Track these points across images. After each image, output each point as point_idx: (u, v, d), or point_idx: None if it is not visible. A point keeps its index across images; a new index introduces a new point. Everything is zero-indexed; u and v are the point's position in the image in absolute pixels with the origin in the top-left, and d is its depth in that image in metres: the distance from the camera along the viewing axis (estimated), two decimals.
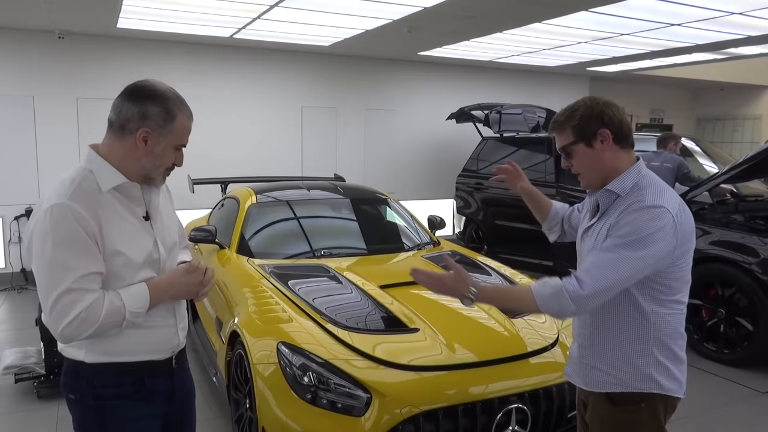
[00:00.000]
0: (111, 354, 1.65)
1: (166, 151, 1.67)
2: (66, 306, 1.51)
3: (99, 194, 1.61)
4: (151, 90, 1.66)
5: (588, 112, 1.75)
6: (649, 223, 1.63)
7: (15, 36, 6.75)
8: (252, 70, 8.06)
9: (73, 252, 1.53)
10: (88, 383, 1.66)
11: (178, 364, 1.82)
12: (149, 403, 1.73)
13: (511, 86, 10.03)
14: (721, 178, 4.92)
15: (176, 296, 1.75)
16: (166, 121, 1.65)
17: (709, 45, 7.37)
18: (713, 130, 13.22)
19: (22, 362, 3.96)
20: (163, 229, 1.78)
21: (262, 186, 4.91)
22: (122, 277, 1.63)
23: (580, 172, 1.82)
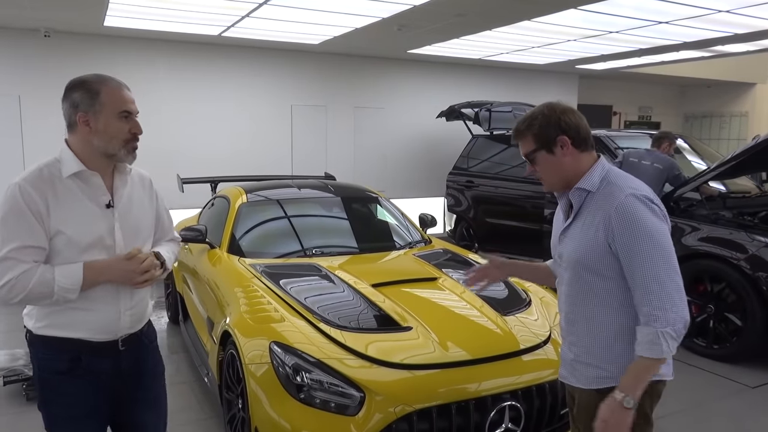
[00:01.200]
0: (52, 327, 1.82)
1: (109, 124, 1.80)
2: (1, 271, 1.70)
3: (58, 180, 1.79)
4: (72, 83, 1.82)
5: (546, 121, 1.81)
6: (643, 211, 1.69)
7: (0, 34, 6.66)
8: (241, 68, 8.02)
9: (14, 225, 1.72)
10: (35, 351, 1.87)
11: (126, 346, 1.92)
12: (86, 381, 1.85)
13: (501, 84, 10.07)
14: (708, 175, 4.96)
15: (112, 279, 1.84)
16: (92, 98, 1.78)
17: (697, 43, 7.43)
18: (701, 127, 13.35)
19: (11, 364, 3.93)
20: (128, 219, 1.90)
21: (253, 185, 4.89)
22: (65, 256, 1.77)
23: (543, 177, 1.88)
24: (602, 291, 1.77)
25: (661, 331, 1.64)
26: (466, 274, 2.28)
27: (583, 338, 1.84)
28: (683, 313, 1.67)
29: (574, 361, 1.88)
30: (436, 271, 3.66)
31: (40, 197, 1.73)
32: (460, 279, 3.56)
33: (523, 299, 3.37)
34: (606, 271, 1.75)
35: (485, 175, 7.33)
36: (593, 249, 1.75)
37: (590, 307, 1.80)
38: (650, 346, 1.65)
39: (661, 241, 1.68)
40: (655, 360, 1.67)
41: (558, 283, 1.98)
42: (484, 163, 7.46)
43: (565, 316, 1.91)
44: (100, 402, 1.90)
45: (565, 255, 1.87)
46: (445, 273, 3.64)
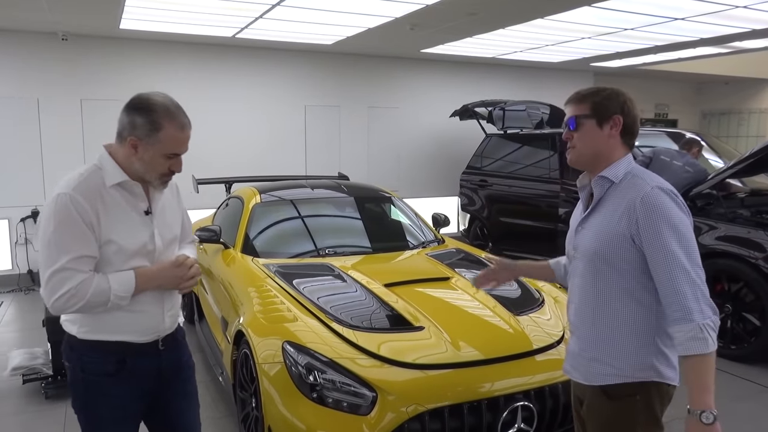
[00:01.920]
0: (99, 332, 1.86)
1: (155, 159, 1.82)
2: (58, 282, 1.73)
3: (103, 188, 1.81)
4: (141, 102, 1.82)
5: (613, 96, 1.80)
6: (669, 204, 1.68)
7: (19, 38, 6.77)
8: (255, 69, 8.07)
9: (69, 236, 1.74)
10: (78, 356, 1.89)
11: (165, 346, 1.99)
12: (130, 382, 1.91)
13: (515, 83, 10.01)
14: (726, 172, 4.89)
15: (161, 285, 1.92)
16: (151, 131, 1.79)
17: (713, 39, 7.33)
18: (718, 124, 13.16)
19: (30, 363, 3.99)
20: (163, 224, 1.96)
21: (266, 185, 4.92)
22: (113, 263, 1.82)
23: (577, 146, 1.83)
24: (617, 285, 1.75)
25: (702, 323, 1.59)
26: (475, 276, 2.27)
27: (592, 332, 1.81)
28: (712, 304, 1.64)
29: (579, 356, 1.86)
30: (449, 271, 3.66)
31: (91, 207, 1.77)
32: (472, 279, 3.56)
33: (536, 299, 3.36)
34: (623, 264, 1.73)
35: (499, 174, 7.30)
36: (613, 240, 1.73)
37: (602, 300, 1.78)
38: (695, 342, 1.59)
39: (685, 234, 1.67)
40: (705, 356, 1.59)
41: (571, 275, 1.94)
42: (497, 162, 7.43)
43: (576, 309, 1.88)
44: (141, 405, 1.97)
45: (581, 246, 1.84)
46: (458, 273, 3.63)
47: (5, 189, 6.88)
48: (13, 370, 3.94)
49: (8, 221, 6.95)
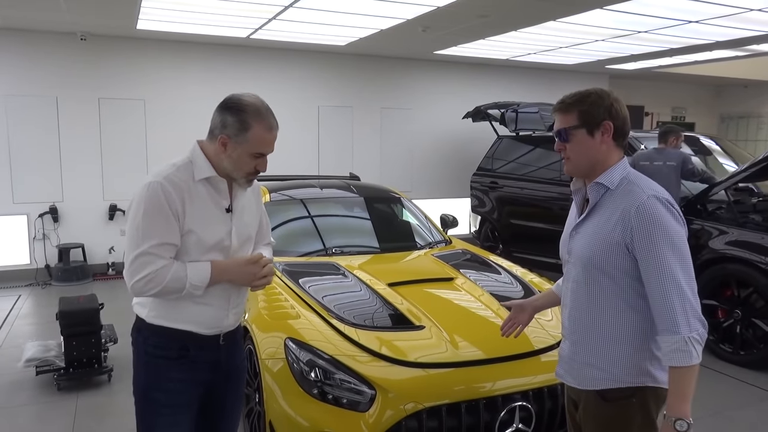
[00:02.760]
0: (166, 318, 1.93)
1: (242, 157, 1.89)
2: (140, 265, 1.81)
3: (191, 181, 1.89)
4: (233, 102, 1.90)
5: (598, 102, 1.77)
6: (664, 214, 1.67)
7: (39, 38, 6.93)
8: (269, 70, 8.15)
9: (155, 222, 1.82)
10: (144, 339, 1.98)
11: (226, 341, 2.05)
12: (191, 369, 1.97)
13: (529, 85, 9.98)
14: (739, 176, 4.84)
15: (234, 280, 1.97)
16: (240, 130, 1.86)
17: (730, 42, 7.25)
18: (737, 127, 12.99)
19: (43, 355, 4.08)
20: (241, 223, 2.02)
21: (276, 184, 4.97)
22: (191, 254, 1.90)
23: (571, 157, 1.82)
24: (609, 291, 1.75)
25: (688, 337, 1.61)
26: (502, 328, 2.26)
27: (586, 337, 1.81)
28: (701, 317, 1.65)
29: (572, 360, 1.87)
30: (454, 272, 3.68)
31: (178, 197, 1.84)
32: (477, 280, 3.58)
33: None
34: (615, 271, 1.73)
35: (510, 176, 7.29)
36: (606, 247, 1.73)
37: (595, 306, 1.78)
38: (679, 354, 1.61)
39: (680, 245, 1.66)
40: (687, 368, 1.61)
41: (564, 279, 1.95)
42: (508, 164, 7.42)
43: (569, 314, 1.88)
44: (197, 394, 2.02)
45: (575, 251, 1.84)
46: (463, 273, 3.66)
47: (24, 185, 7.03)
48: (27, 361, 4.04)
49: (27, 217, 7.10)
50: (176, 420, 1.98)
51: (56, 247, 7.13)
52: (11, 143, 6.93)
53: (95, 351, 4.09)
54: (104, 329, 4.26)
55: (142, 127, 7.48)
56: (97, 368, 4.09)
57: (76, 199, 7.25)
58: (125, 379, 4.09)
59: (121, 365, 4.23)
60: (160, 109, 7.49)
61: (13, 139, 6.93)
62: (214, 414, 2.12)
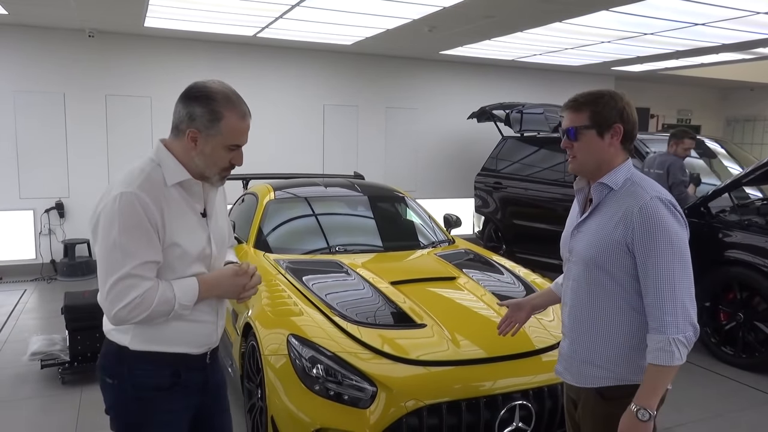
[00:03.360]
0: (153, 342, 1.71)
1: (216, 151, 1.69)
2: (123, 291, 1.59)
3: (164, 187, 1.68)
4: (198, 91, 1.69)
5: (611, 104, 1.78)
6: (666, 215, 1.68)
7: (47, 35, 6.98)
8: (275, 68, 8.19)
9: (135, 239, 1.60)
10: (129, 371, 1.72)
11: (211, 359, 1.89)
12: (184, 395, 1.80)
13: (535, 85, 9.99)
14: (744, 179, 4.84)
15: (222, 295, 1.82)
16: (212, 121, 1.66)
17: (736, 45, 7.24)
18: (743, 131, 12.95)
19: (48, 349, 4.13)
20: (216, 227, 1.85)
21: (281, 183, 5.01)
22: (175, 269, 1.70)
23: (578, 156, 1.83)
24: (610, 290, 1.77)
25: (673, 338, 1.63)
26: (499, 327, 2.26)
27: (586, 336, 1.83)
28: (693, 321, 1.66)
29: (571, 358, 1.88)
30: (456, 271, 3.70)
31: (157, 208, 1.63)
32: (479, 279, 3.60)
33: None
34: (617, 270, 1.74)
35: (514, 176, 7.30)
36: (608, 247, 1.74)
37: (596, 305, 1.80)
38: (661, 353, 1.64)
39: (680, 247, 1.67)
40: (666, 367, 1.64)
41: (565, 277, 1.97)
42: (513, 164, 7.43)
43: (569, 312, 1.90)
44: (188, 419, 1.85)
45: (576, 250, 1.85)
46: (465, 273, 3.67)
47: (31, 181, 7.09)
48: (32, 355, 4.08)
49: (33, 212, 7.16)
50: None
51: (62, 242, 7.18)
52: (18, 139, 6.98)
53: (100, 345, 4.09)
54: None
55: (149, 124, 7.52)
56: None
57: (82, 195, 7.30)
58: None
59: None
60: (166, 106, 7.44)
61: (20, 135, 6.98)
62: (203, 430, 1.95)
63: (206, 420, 1.93)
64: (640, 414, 1.64)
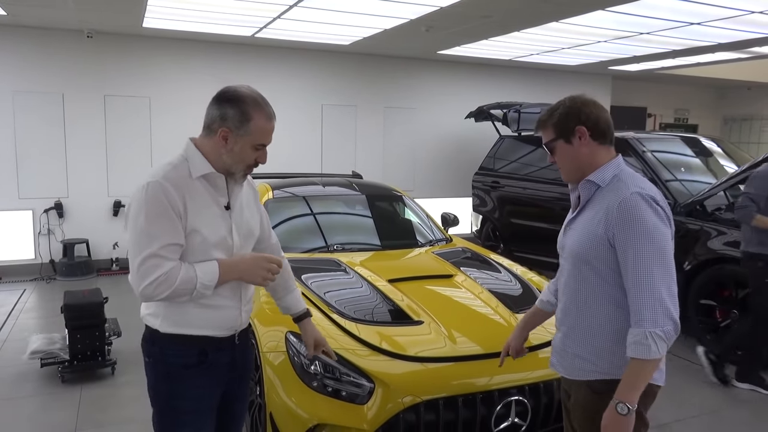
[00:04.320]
0: (180, 326, 1.89)
1: (244, 150, 1.86)
2: (149, 269, 1.74)
3: (189, 179, 1.85)
4: (230, 94, 1.85)
5: (566, 111, 1.87)
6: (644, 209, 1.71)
7: (46, 35, 6.99)
8: (273, 68, 8.21)
9: (159, 223, 1.76)
10: (161, 350, 1.92)
11: (240, 340, 2.04)
12: (211, 373, 1.95)
13: (532, 85, 10.02)
14: (737, 177, 4.87)
15: (242, 277, 1.92)
16: (242, 122, 1.82)
17: (732, 44, 7.28)
18: (740, 130, 13.00)
19: (48, 348, 4.15)
20: (241, 220, 1.98)
21: (279, 182, 5.03)
22: (196, 254, 1.84)
23: (561, 166, 1.93)
24: (597, 286, 1.81)
25: (650, 331, 1.65)
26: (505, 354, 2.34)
27: (575, 329, 1.88)
28: (673, 315, 1.68)
29: (563, 351, 1.93)
30: (453, 269, 3.73)
31: (179, 195, 1.79)
32: (477, 277, 3.62)
33: (536, 297, 3.40)
34: (602, 266, 1.78)
35: (511, 176, 7.33)
36: (593, 243, 1.79)
37: (584, 300, 1.84)
38: (638, 346, 1.67)
39: (659, 242, 1.70)
40: (644, 361, 1.67)
41: (559, 273, 2.02)
42: (510, 164, 7.46)
43: (562, 306, 1.95)
44: (217, 396, 2.01)
45: (566, 246, 1.91)
46: (463, 271, 3.70)
47: (30, 181, 7.11)
48: (31, 353, 4.10)
49: (32, 212, 7.17)
50: (200, 426, 1.97)
51: (61, 242, 7.20)
52: (17, 139, 7.00)
53: (99, 344, 4.15)
54: (108, 323, 4.31)
55: (147, 124, 7.54)
56: (100, 361, 4.15)
57: (81, 195, 7.32)
58: (128, 371, 4.15)
59: (125, 358, 4.29)
60: (165, 106, 7.55)
61: (19, 135, 7.00)
62: (223, 414, 2.10)
63: (229, 398, 2.08)
64: (619, 408, 1.67)
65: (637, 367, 1.68)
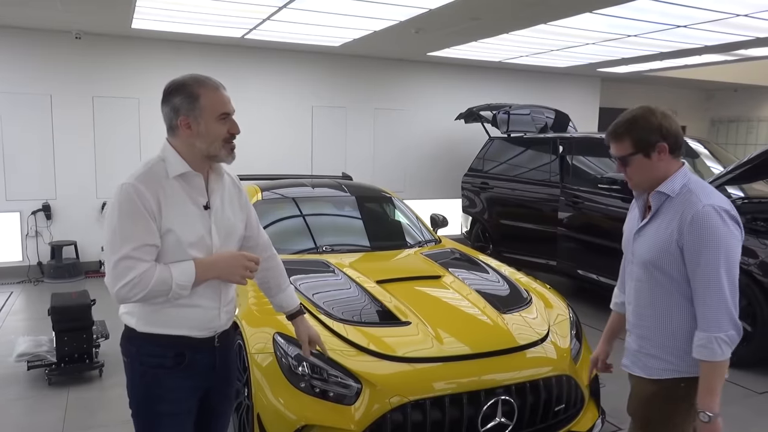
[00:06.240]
0: (157, 325, 1.86)
1: (210, 126, 1.84)
2: (122, 270, 1.73)
3: (165, 179, 1.83)
4: (171, 86, 1.86)
5: (648, 125, 1.88)
6: (717, 222, 1.79)
7: (34, 36, 6.95)
8: (263, 70, 8.20)
9: (132, 224, 1.75)
10: (137, 349, 1.90)
11: (220, 342, 1.99)
12: (188, 375, 1.91)
13: (522, 87, 10.07)
14: (723, 178, 4.92)
15: (220, 275, 1.89)
16: (192, 102, 1.82)
17: (719, 46, 7.35)
18: (727, 131, 13.13)
19: (35, 350, 4.12)
20: (222, 220, 1.95)
21: (268, 183, 5.03)
22: (172, 255, 1.82)
23: (633, 178, 1.97)
24: (669, 289, 1.90)
25: (714, 336, 1.77)
26: None
27: (649, 331, 1.96)
28: (736, 320, 1.78)
29: (638, 352, 2.01)
30: (441, 270, 3.74)
31: (153, 196, 1.78)
32: (465, 278, 3.64)
33: (524, 298, 3.43)
34: (675, 272, 1.87)
35: (500, 177, 7.36)
36: (666, 250, 1.87)
37: (658, 302, 1.93)
38: (703, 349, 1.79)
39: (728, 252, 1.78)
40: (712, 364, 1.78)
41: (628, 277, 2.10)
42: (499, 165, 7.49)
43: (633, 310, 2.03)
44: (196, 399, 1.97)
45: (638, 253, 1.98)
46: (451, 272, 3.72)
47: (18, 183, 7.05)
48: (18, 356, 4.08)
49: (20, 214, 7.12)
50: (179, 430, 1.93)
51: (49, 244, 7.15)
52: (5, 140, 6.95)
53: (86, 346, 4.13)
54: (96, 325, 4.29)
55: (136, 125, 7.52)
56: (88, 363, 4.13)
57: (69, 197, 7.28)
58: (116, 374, 4.13)
59: (112, 361, 4.26)
60: (154, 108, 7.42)
61: (6, 137, 6.95)
62: (207, 418, 2.07)
63: (212, 401, 2.04)
64: (701, 416, 1.79)
65: (707, 371, 1.80)
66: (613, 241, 5.59)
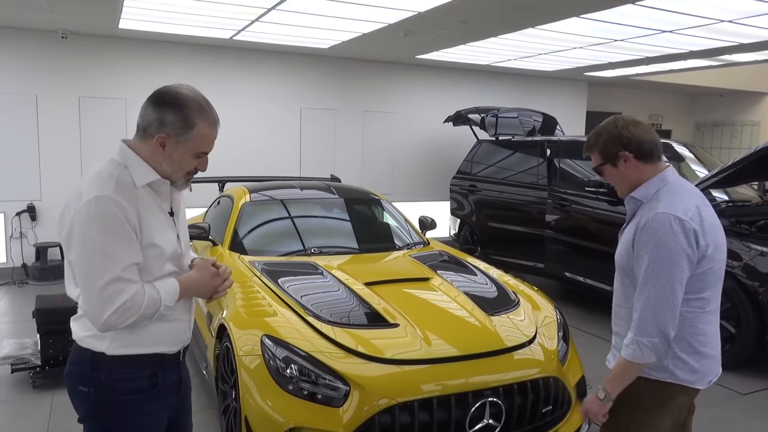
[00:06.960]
0: (131, 345, 1.69)
1: (183, 158, 1.69)
2: (112, 295, 1.55)
3: (134, 189, 1.66)
4: (171, 96, 1.67)
5: (609, 137, 1.96)
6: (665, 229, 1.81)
7: (19, 36, 6.88)
8: (252, 71, 8.18)
9: (117, 242, 1.57)
10: (107, 376, 1.68)
11: (183, 357, 1.90)
12: (162, 397, 1.78)
13: (510, 90, 10.13)
14: (708, 181, 4.98)
15: (198, 294, 1.83)
16: (184, 129, 1.66)
17: (704, 52, 7.45)
18: (712, 135, 13.29)
19: (19, 353, 4.07)
20: (182, 225, 1.86)
21: (257, 185, 5.01)
22: (151, 270, 1.67)
23: (614, 185, 2.06)
24: (632, 291, 1.93)
25: (637, 339, 1.83)
26: None
27: (621, 329, 2.02)
28: (664, 329, 1.80)
29: (614, 348, 2.07)
30: (430, 272, 3.75)
31: (133, 209, 1.61)
32: (453, 280, 3.65)
33: (511, 300, 3.45)
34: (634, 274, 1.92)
35: (489, 179, 7.40)
36: (627, 253, 1.94)
37: (628, 303, 1.98)
38: (626, 348, 1.87)
39: (666, 260, 1.80)
40: (629, 362, 1.86)
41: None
42: (487, 168, 7.52)
43: (613, 308, 2.10)
44: (166, 420, 1.85)
45: (615, 256, 2.05)
46: (439, 274, 3.73)
47: (2, 183, 6.97)
48: (2, 359, 4.02)
49: (4, 215, 7.04)
50: None
51: (33, 245, 7.07)
52: None
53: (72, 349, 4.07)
54: None
55: (123, 126, 7.44)
56: None
57: (54, 198, 7.20)
58: None
59: None
60: None
61: None
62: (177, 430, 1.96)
63: (176, 419, 1.92)
64: (598, 392, 1.93)
65: (623, 367, 1.89)
66: (600, 244, 5.64)
